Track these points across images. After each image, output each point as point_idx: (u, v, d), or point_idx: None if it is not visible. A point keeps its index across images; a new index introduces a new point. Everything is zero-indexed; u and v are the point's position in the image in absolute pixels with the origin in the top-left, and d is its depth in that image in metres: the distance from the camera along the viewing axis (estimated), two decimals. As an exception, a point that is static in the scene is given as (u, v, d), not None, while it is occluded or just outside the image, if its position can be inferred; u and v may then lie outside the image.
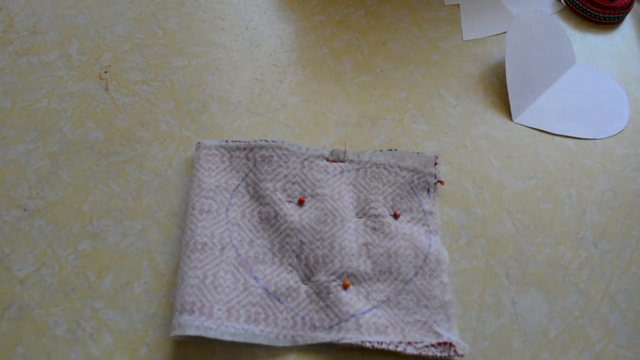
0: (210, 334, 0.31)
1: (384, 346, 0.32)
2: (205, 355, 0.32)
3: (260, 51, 0.46)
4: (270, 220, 0.36)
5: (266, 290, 0.34)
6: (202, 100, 0.43)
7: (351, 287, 0.34)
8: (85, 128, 0.41)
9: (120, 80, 0.44)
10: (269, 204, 0.37)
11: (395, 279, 0.35)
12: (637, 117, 0.45)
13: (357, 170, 0.39)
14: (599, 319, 0.35)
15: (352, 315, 0.33)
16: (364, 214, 0.37)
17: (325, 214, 0.36)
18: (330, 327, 0.32)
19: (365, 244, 0.36)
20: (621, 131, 0.44)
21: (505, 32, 0.46)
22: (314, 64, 0.46)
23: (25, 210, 0.37)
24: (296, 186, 0.38)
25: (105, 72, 0.44)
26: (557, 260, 0.37)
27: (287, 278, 0.34)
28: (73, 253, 0.35)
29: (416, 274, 0.35)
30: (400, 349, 0.32)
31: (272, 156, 0.38)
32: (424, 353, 0.32)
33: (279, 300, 0.33)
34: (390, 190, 0.38)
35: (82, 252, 0.35)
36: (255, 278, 0.34)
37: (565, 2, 0.52)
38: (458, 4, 0.51)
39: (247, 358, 0.32)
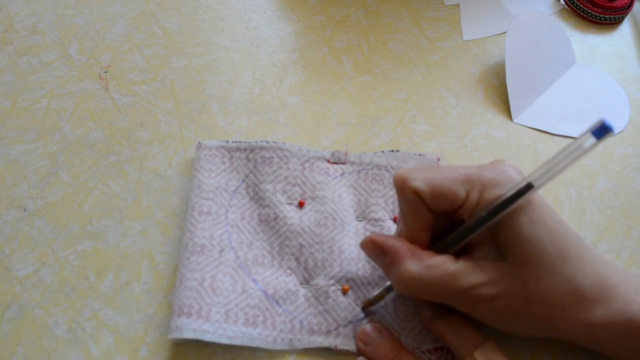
0: (208, 337, 0.31)
1: None
2: (205, 355, 0.32)
3: (260, 51, 0.46)
4: (270, 223, 0.36)
5: (265, 292, 0.33)
6: (202, 100, 0.43)
7: (350, 291, 0.34)
8: (85, 128, 0.41)
9: (120, 80, 0.44)
10: (268, 206, 0.36)
11: None
12: (637, 117, 0.45)
13: (359, 172, 0.39)
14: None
15: (350, 322, 0.33)
16: (364, 218, 0.37)
17: (326, 217, 0.36)
18: (328, 332, 0.32)
19: None
20: (621, 131, 0.44)
21: (505, 32, 0.46)
22: (314, 64, 0.46)
23: (25, 210, 0.37)
24: (296, 188, 0.37)
25: (105, 72, 0.44)
26: (557, 260, 0.37)
27: (286, 281, 0.34)
28: (73, 253, 0.35)
29: None
30: None
31: (272, 157, 0.38)
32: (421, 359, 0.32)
33: (277, 303, 0.33)
34: (391, 193, 0.38)
35: (82, 252, 0.35)
36: (254, 280, 0.34)
37: (565, 2, 0.51)
38: (458, 4, 0.51)
39: (247, 359, 0.32)
